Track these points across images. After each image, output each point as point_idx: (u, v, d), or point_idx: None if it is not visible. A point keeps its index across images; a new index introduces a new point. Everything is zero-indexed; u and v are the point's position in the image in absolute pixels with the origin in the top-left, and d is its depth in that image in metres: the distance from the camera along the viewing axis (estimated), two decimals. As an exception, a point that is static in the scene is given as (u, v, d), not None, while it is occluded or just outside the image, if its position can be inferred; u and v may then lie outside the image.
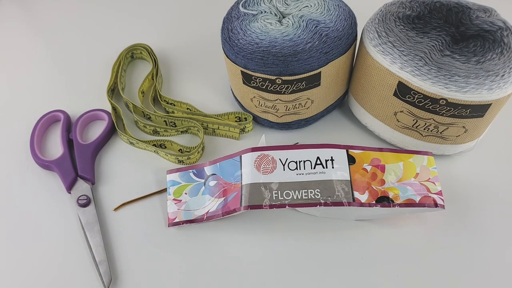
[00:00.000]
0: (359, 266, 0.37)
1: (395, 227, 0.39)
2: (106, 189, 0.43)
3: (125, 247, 0.39)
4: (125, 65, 0.53)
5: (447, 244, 0.38)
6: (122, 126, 0.48)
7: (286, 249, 0.38)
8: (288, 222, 0.39)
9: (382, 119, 0.42)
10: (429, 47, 0.36)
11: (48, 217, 0.41)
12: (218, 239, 0.39)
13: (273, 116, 0.44)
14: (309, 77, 0.39)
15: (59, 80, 0.54)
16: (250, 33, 0.39)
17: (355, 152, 0.38)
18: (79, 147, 0.44)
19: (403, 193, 0.36)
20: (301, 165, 0.37)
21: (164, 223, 0.40)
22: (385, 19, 0.39)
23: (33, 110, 0.50)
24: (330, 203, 0.36)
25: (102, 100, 0.50)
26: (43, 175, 0.44)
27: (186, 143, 0.46)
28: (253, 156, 0.38)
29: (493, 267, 0.36)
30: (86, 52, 0.57)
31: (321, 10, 0.40)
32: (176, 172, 0.41)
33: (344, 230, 0.39)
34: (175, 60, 0.55)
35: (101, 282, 0.36)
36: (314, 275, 0.36)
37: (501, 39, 0.36)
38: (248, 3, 0.42)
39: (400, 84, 0.37)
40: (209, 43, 0.57)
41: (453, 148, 0.41)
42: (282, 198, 0.36)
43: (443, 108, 0.36)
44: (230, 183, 0.38)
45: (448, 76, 0.35)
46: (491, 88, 0.34)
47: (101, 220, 0.41)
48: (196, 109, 0.47)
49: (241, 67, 0.40)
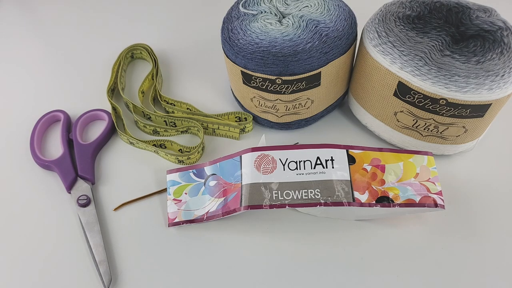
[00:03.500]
0: (359, 266, 0.37)
1: (395, 227, 0.39)
2: (106, 189, 0.43)
3: (125, 247, 0.39)
4: (125, 65, 0.53)
5: (447, 244, 0.38)
6: (122, 126, 0.48)
7: (286, 249, 0.38)
8: (288, 222, 0.39)
9: (382, 119, 0.42)
10: (429, 47, 0.36)
11: (48, 217, 0.41)
12: (218, 239, 0.39)
13: (273, 116, 0.44)
14: (309, 77, 0.39)
15: (59, 80, 0.54)
16: (250, 33, 0.39)
17: (355, 152, 0.38)
18: (79, 147, 0.44)
19: (403, 193, 0.36)
20: (301, 165, 0.37)
21: (164, 223, 0.40)
22: (385, 19, 0.39)
23: (33, 110, 0.50)
24: (330, 203, 0.36)
25: (102, 100, 0.50)
26: (43, 175, 0.44)
27: (186, 143, 0.46)
28: (253, 156, 0.38)
29: (493, 267, 0.36)
30: (86, 52, 0.57)
31: (321, 10, 0.40)
32: (176, 172, 0.41)
33: (344, 230, 0.39)
34: (175, 60, 0.55)
35: (101, 282, 0.36)
36: (314, 275, 0.36)
37: (501, 39, 0.36)
38: (248, 3, 0.42)
39: (400, 84, 0.37)
40: (209, 43, 0.57)
41: (453, 148, 0.41)
42: (282, 198, 0.36)
43: (443, 108, 0.36)
44: (230, 183, 0.38)
45: (448, 76, 0.35)
46: (491, 88, 0.34)
47: (101, 220, 0.41)
48: (196, 109, 0.47)
49: (241, 67, 0.40)
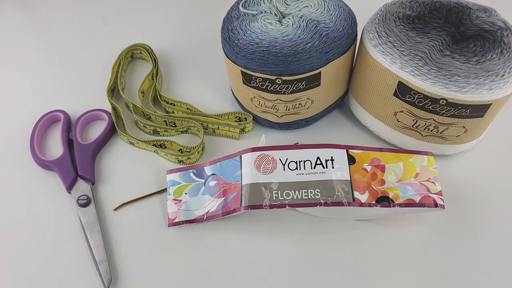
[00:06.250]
0: (359, 266, 0.37)
1: (395, 227, 0.39)
2: (106, 189, 0.43)
3: (125, 247, 0.39)
4: (125, 65, 0.53)
5: (447, 244, 0.38)
6: (122, 126, 0.48)
7: (286, 249, 0.38)
8: (288, 222, 0.39)
9: (382, 119, 0.42)
10: (429, 47, 0.36)
11: (48, 217, 0.41)
12: (218, 239, 0.39)
13: (273, 116, 0.44)
14: (309, 77, 0.39)
15: (59, 80, 0.54)
16: (250, 33, 0.39)
17: (355, 152, 0.38)
18: (79, 147, 0.44)
19: (403, 193, 0.36)
20: (301, 165, 0.37)
21: (164, 223, 0.40)
22: (385, 19, 0.39)
23: (33, 110, 0.50)
24: (330, 203, 0.36)
25: (102, 100, 0.50)
26: (43, 175, 0.44)
27: (186, 143, 0.46)
28: (253, 156, 0.38)
29: (493, 267, 0.36)
30: (86, 52, 0.57)
31: (321, 10, 0.40)
32: (176, 172, 0.41)
33: (344, 230, 0.39)
34: (175, 60, 0.55)
35: (101, 282, 0.36)
36: (314, 275, 0.36)
37: (501, 39, 0.36)
38: (248, 3, 0.42)
39: (400, 84, 0.37)
40: (209, 43, 0.57)
41: (453, 148, 0.41)
42: (282, 198, 0.36)
43: (443, 108, 0.36)
44: (230, 183, 0.38)
45: (448, 76, 0.35)
46: (491, 88, 0.34)
47: (101, 220, 0.41)
48: (196, 109, 0.47)
49: (241, 67, 0.40)
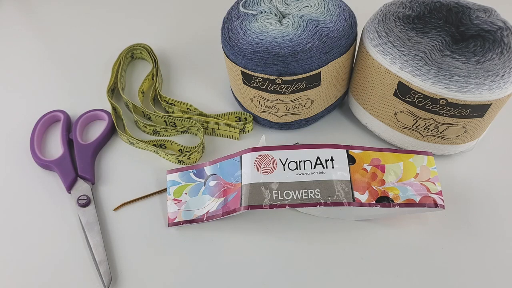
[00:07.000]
0: (359, 266, 0.37)
1: (395, 227, 0.39)
2: (106, 189, 0.43)
3: (125, 247, 0.39)
4: (125, 65, 0.53)
5: (447, 244, 0.38)
6: (122, 126, 0.48)
7: (286, 249, 0.38)
8: (288, 222, 0.39)
9: (382, 119, 0.42)
10: (429, 47, 0.36)
11: (48, 217, 0.41)
12: (218, 239, 0.39)
13: (273, 116, 0.44)
14: (309, 77, 0.39)
15: (59, 80, 0.54)
16: (250, 33, 0.39)
17: (355, 152, 0.38)
18: (79, 147, 0.44)
19: (403, 193, 0.36)
20: (301, 165, 0.37)
21: (164, 223, 0.40)
22: (385, 19, 0.39)
23: (33, 110, 0.50)
24: (330, 203, 0.36)
25: (102, 100, 0.50)
26: (43, 175, 0.44)
27: (186, 143, 0.46)
28: (253, 156, 0.38)
29: (493, 267, 0.36)
30: (86, 52, 0.57)
31: (321, 10, 0.40)
32: (176, 172, 0.41)
33: (344, 230, 0.39)
34: (175, 60, 0.55)
35: (101, 282, 0.36)
36: (314, 275, 0.36)
37: (501, 39, 0.36)
38: (248, 3, 0.42)
39: (400, 84, 0.37)
40: (209, 43, 0.57)
41: (453, 148, 0.41)
42: (282, 198, 0.36)
43: (443, 108, 0.36)
44: (230, 183, 0.38)
45: (448, 76, 0.35)
46: (491, 88, 0.34)
47: (101, 220, 0.41)
48: (196, 109, 0.47)
49: (241, 67, 0.40)
